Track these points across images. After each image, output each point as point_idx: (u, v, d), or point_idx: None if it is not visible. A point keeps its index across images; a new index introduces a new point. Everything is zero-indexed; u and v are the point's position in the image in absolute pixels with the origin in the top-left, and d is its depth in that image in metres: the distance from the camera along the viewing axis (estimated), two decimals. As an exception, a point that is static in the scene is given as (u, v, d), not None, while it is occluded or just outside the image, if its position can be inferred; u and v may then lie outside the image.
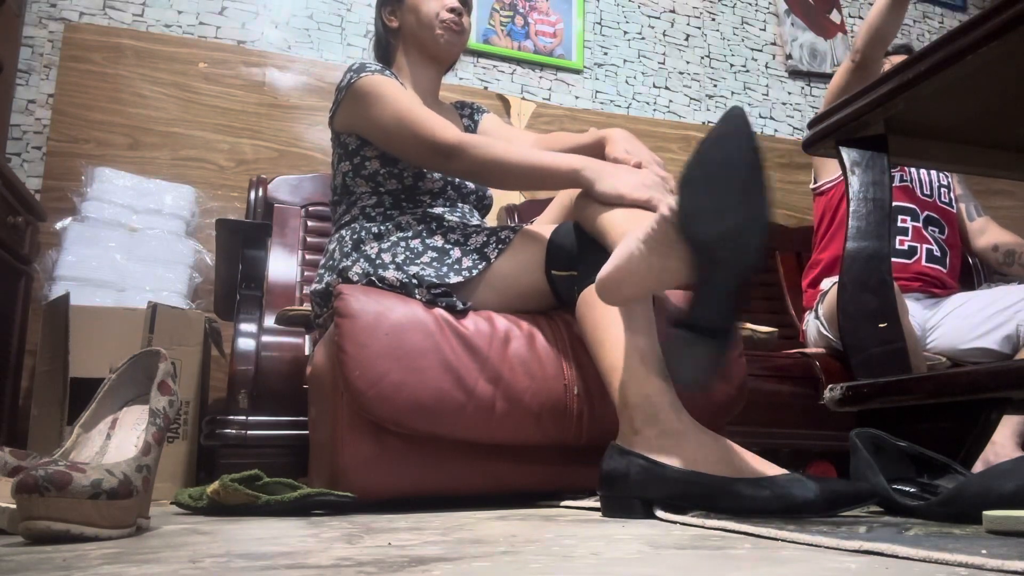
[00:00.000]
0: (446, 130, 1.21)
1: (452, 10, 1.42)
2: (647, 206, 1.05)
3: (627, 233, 0.92)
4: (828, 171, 2.13)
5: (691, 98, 3.00)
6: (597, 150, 1.27)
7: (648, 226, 0.85)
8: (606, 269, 0.90)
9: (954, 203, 2.11)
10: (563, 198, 1.35)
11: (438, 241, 1.24)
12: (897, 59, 2.08)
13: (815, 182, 2.19)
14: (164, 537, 0.74)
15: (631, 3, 2.99)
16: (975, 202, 2.18)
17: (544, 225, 1.23)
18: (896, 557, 0.52)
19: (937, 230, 2.02)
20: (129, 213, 1.99)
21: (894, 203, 1.62)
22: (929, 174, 2.09)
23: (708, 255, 0.80)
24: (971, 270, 2.21)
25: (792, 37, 3.16)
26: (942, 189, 2.08)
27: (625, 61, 2.92)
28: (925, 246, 1.97)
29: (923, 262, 1.96)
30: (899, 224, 1.99)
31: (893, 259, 1.30)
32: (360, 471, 1.06)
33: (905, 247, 1.97)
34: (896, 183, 2.00)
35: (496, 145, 1.20)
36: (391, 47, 1.49)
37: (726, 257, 0.80)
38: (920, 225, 2.00)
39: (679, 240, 0.82)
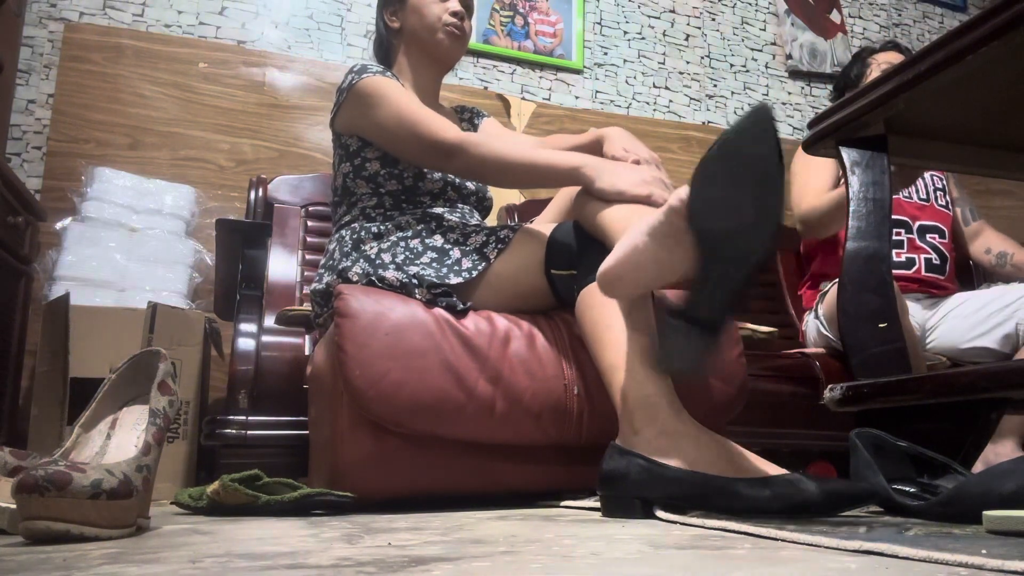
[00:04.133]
0: (447, 129, 1.22)
1: (455, 14, 1.42)
2: (648, 202, 1.05)
3: (629, 228, 0.92)
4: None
5: (691, 98, 3.00)
6: (595, 149, 1.27)
7: (655, 218, 0.85)
8: (609, 261, 0.90)
9: (951, 206, 2.11)
10: (562, 197, 1.35)
11: (437, 241, 1.24)
12: (884, 56, 2.08)
13: None
14: (164, 537, 0.74)
15: (631, 3, 2.99)
16: (971, 205, 2.18)
17: (543, 224, 1.23)
18: (896, 557, 0.52)
19: (937, 235, 2.02)
20: (129, 213, 1.99)
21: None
22: (923, 178, 2.09)
23: (712, 248, 0.81)
24: (970, 270, 2.21)
25: (792, 37, 3.16)
26: (938, 192, 2.08)
27: (625, 61, 2.92)
28: (923, 256, 1.97)
29: (923, 272, 1.96)
30: (894, 238, 1.98)
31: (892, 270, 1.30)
32: (360, 471, 1.06)
33: (903, 259, 1.97)
34: None
35: (496, 143, 1.20)
36: (392, 48, 1.49)
37: (730, 253, 0.80)
38: (915, 236, 2.00)
39: (686, 230, 0.81)
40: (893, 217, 1.98)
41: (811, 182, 2.03)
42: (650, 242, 0.85)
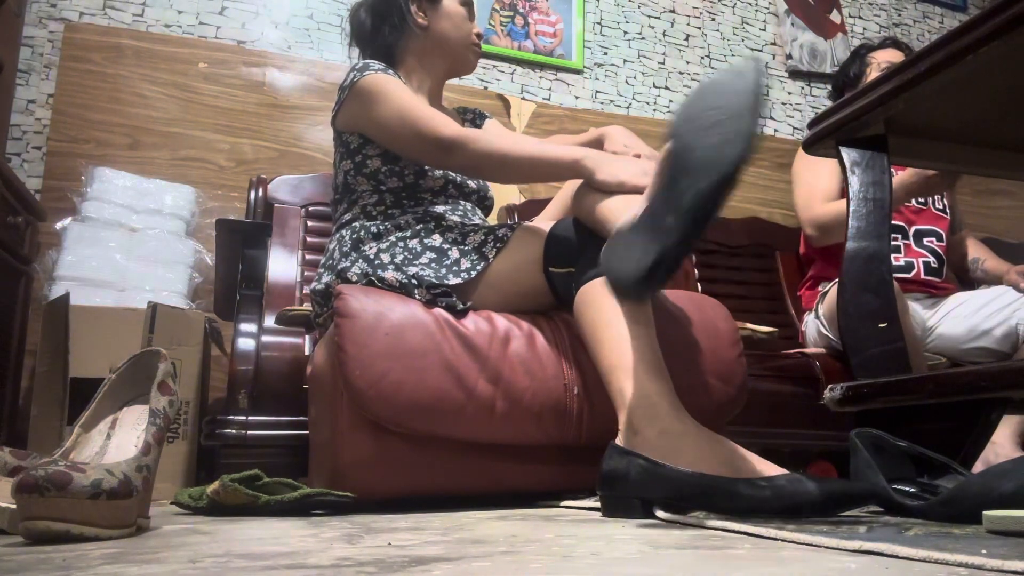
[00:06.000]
0: (447, 125, 1.22)
1: (479, 35, 1.49)
2: None
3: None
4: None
5: (691, 98, 2.99)
6: (596, 148, 1.27)
7: (650, 188, 0.86)
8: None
9: (947, 210, 2.11)
10: (563, 196, 1.35)
11: (436, 241, 1.24)
12: (883, 54, 2.09)
13: None
14: (164, 537, 0.74)
15: (631, 3, 2.98)
16: (958, 215, 2.20)
17: (543, 222, 1.23)
18: (896, 557, 0.52)
19: (935, 239, 2.02)
20: (129, 213, 1.99)
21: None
22: None
23: (684, 159, 0.81)
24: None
25: (792, 37, 3.16)
26: (934, 196, 2.08)
27: (625, 61, 2.92)
28: (921, 259, 1.98)
29: (922, 275, 1.97)
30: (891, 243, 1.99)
31: (891, 274, 1.31)
32: (360, 471, 1.06)
33: (901, 262, 1.97)
34: None
35: (496, 139, 1.20)
36: (401, 42, 1.44)
37: (699, 166, 0.80)
38: (911, 241, 2.00)
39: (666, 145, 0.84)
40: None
41: (819, 186, 2.02)
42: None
